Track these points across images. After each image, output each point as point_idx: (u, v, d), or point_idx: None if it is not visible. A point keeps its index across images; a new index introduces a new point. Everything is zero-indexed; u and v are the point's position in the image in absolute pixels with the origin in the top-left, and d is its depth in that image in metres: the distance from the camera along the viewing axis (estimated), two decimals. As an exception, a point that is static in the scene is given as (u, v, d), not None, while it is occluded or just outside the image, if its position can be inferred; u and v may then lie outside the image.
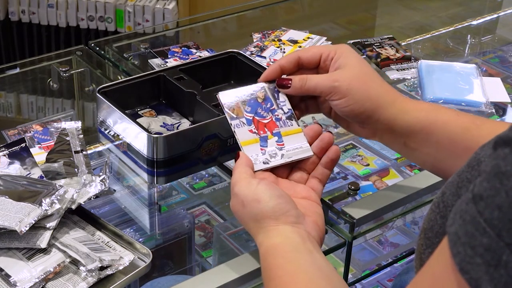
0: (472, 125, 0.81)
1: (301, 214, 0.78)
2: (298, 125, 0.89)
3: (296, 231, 0.76)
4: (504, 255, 0.45)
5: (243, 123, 0.88)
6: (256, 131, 0.87)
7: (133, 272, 0.82)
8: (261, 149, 0.86)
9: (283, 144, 0.87)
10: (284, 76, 0.89)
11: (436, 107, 0.85)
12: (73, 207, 0.84)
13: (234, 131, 0.87)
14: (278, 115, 0.89)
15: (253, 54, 1.29)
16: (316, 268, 0.72)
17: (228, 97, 0.89)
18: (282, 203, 0.77)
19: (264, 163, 0.85)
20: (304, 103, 0.92)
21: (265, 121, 0.89)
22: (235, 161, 0.84)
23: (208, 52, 1.35)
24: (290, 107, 0.90)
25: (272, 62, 1.26)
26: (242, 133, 0.87)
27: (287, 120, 0.89)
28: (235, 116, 0.88)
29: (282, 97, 0.90)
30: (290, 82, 0.87)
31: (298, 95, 0.89)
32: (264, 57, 1.28)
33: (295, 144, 0.88)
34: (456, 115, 0.83)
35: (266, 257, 0.75)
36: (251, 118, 0.88)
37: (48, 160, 0.96)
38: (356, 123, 0.87)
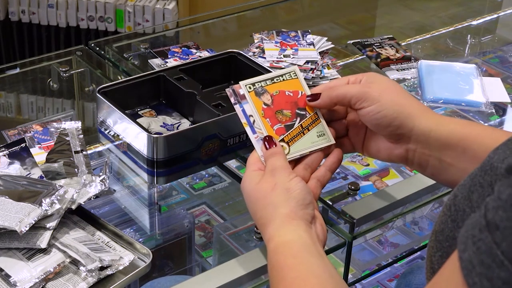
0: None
1: (314, 217, 0.79)
2: None
3: (308, 231, 0.76)
4: None
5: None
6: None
7: (133, 272, 0.82)
8: None
9: None
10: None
11: (467, 121, 0.83)
12: (73, 207, 0.84)
13: None
14: None
15: (255, 55, 1.29)
16: (329, 275, 0.72)
17: None
18: (308, 199, 0.78)
19: None
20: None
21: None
22: (267, 148, 0.83)
23: (208, 52, 1.35)
24: None
25: (272, 62, 1.26)
26: None
27: None
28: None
29: None
30: (318, 94, 0.86)
31: (328, 107, 0.87)
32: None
33: None
34: (490, 129, 0.81)
35: (276, 254, 0.75)
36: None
37: (48, 160, 0.96)
38: (388, 140, 0.84)
